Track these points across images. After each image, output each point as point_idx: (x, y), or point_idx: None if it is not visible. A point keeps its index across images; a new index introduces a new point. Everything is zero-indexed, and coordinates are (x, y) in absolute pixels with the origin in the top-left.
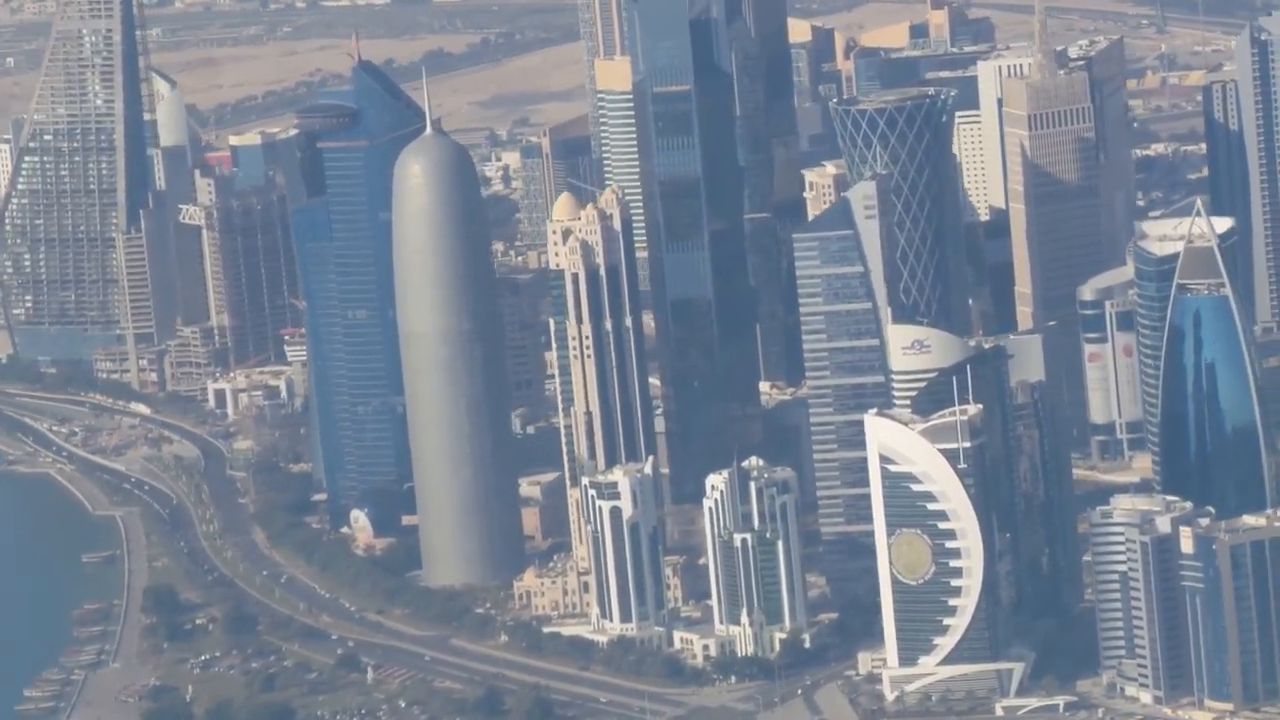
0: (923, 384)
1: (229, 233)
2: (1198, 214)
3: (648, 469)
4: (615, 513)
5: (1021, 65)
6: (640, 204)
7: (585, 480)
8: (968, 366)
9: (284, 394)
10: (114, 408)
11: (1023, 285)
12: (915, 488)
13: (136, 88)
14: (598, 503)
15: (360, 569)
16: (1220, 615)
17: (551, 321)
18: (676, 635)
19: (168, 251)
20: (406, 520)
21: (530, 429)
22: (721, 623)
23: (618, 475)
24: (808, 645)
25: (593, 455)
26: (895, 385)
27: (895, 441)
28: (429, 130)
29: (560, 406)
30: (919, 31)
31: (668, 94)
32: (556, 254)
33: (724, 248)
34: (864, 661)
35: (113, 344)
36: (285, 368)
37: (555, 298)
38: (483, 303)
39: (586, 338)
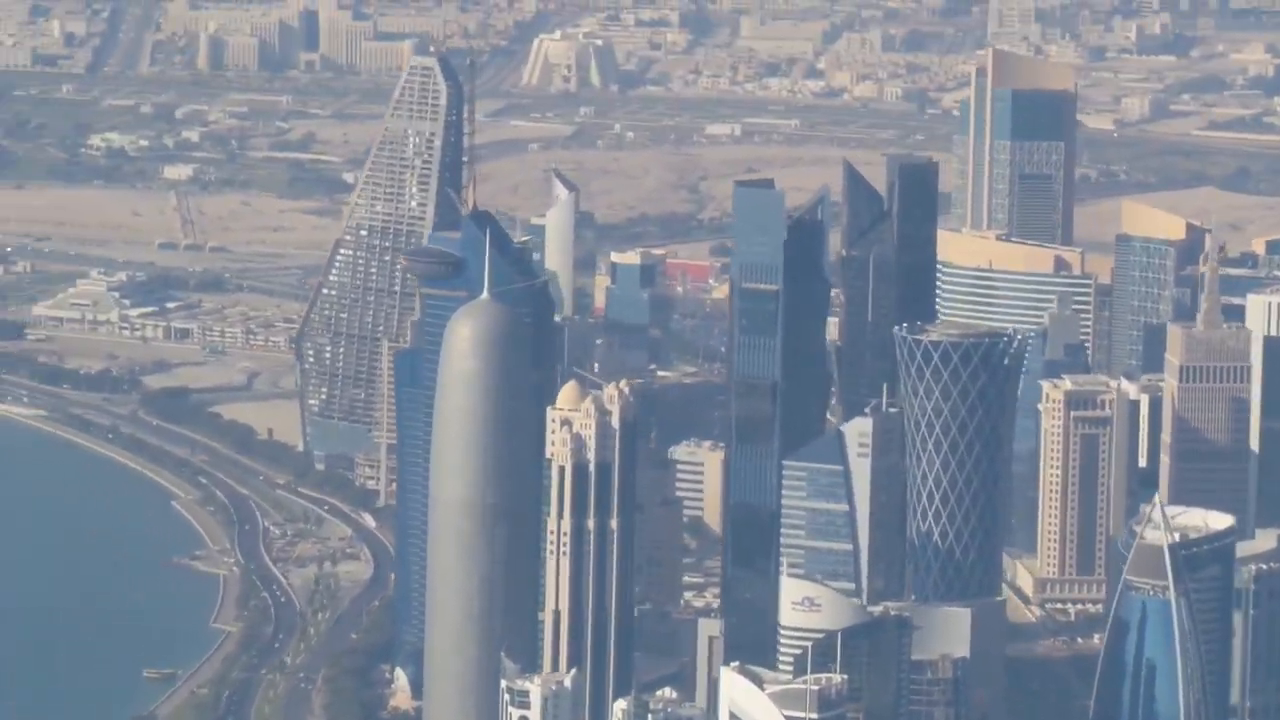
0: (808, 643)
1: None
2: (1150, 511)
3: (568, 681)
4: None
5: None
6: None
7: (503, 683)
8: (839, 635)
9: None
10: (348, 513)
11: None
12: None
13: (452, 192)
14: (509, 708)
15: None
16: None
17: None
18: None
19: None
20: None
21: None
22: None
23: (532, 683)
24: None
25: (557, 656)
26: (781, 641)
27: (745, 700)
28: (485, 294)
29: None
30: (1276, 247)
31: (755, 291)
32: (551, 443)
33: None
34: None
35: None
36: None
37: (544, 488)
38: (515, 478)
39: (565, 534)
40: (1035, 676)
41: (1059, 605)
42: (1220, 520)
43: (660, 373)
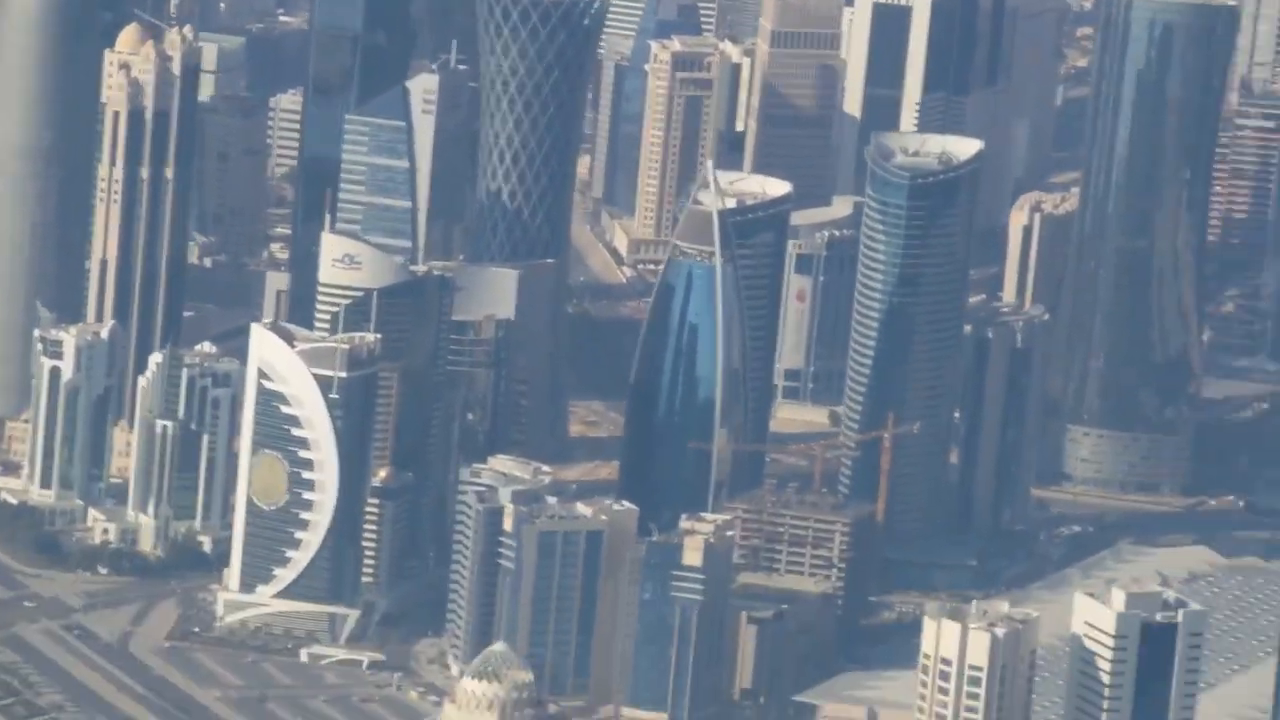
0: (347, 301)
1: None
2: (704, 176)
3: (104, 332)
4: (55, 372)
5: None
6: None
7: (36, 333)
8: (375, 294)
9: None
10: None
11: None
12: (284, 409)
13: None
14: (42, 359)
15: None
16: (517, 602)
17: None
18: (91, 512)
19: None
20: None
21: (208, 261)
22: (132, 509)
23: (66, 333)
24: (207, 550)
25: (102, 307)
26: (320, 298)
27: (274, 358)
28: None
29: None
30: None
31: None
32: (107, 88)
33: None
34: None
35: None
36: None
37: (98, 134)
38: (72, 123)
39: (117, 182)
40: (618, 337)
41: (651, 266)
42: (778, 187)
43: (284, 18)
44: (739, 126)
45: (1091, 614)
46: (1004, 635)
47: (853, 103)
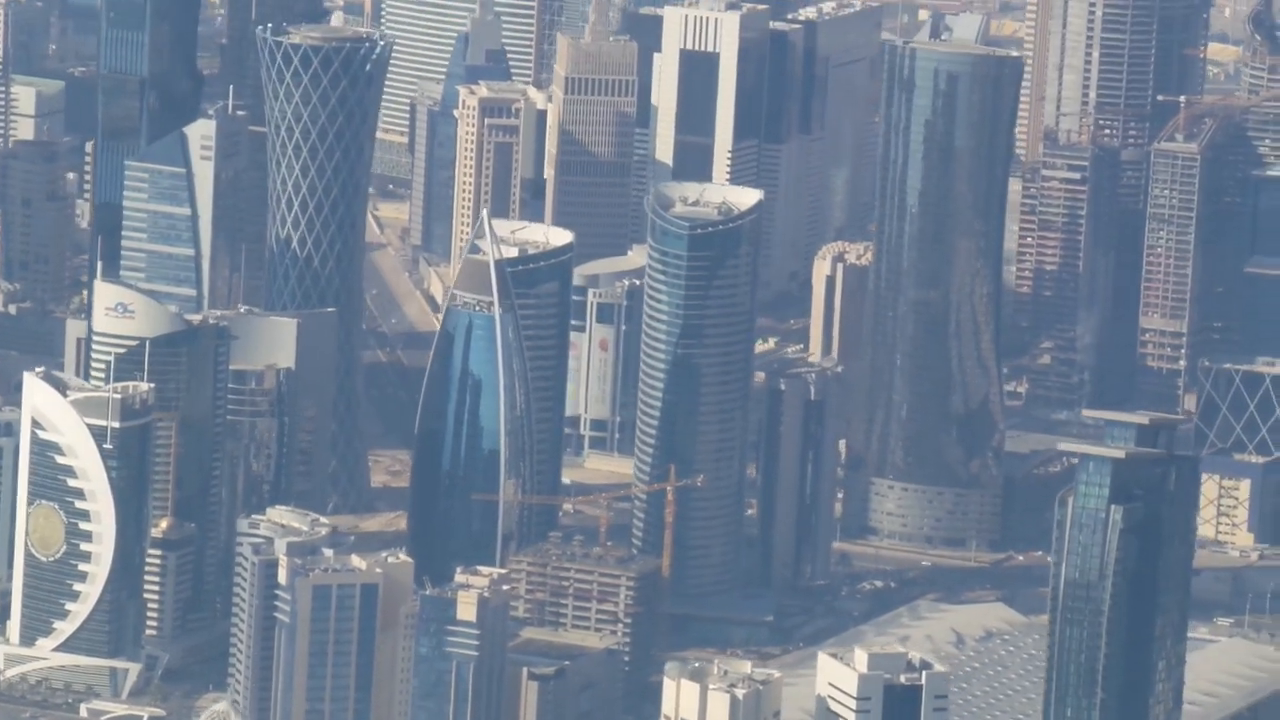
0: (122, 350)
1: None
2: (480, 224)
3: None
4: None
5: (714, 18)
6: None
7: None
8: (148, 343)
9: None
10: None
11: None
12: (59, 459)
13: None
14: None
15: None
16: (294, 656)
17: None
18: None
19: None
20: None
21: (13, 308)
22: None
23: None
24: None
25: None
26: (95, 347)
27: (47, 407)
28: None
29: None
30: None
31: None
32: None
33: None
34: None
35: None
36: None
37: None
38: None
39: None
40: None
41: None
42: (560, 236)
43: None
44: (546, 173)
45: (835, 675)
46: (744, 696)
47: (664, 150)
